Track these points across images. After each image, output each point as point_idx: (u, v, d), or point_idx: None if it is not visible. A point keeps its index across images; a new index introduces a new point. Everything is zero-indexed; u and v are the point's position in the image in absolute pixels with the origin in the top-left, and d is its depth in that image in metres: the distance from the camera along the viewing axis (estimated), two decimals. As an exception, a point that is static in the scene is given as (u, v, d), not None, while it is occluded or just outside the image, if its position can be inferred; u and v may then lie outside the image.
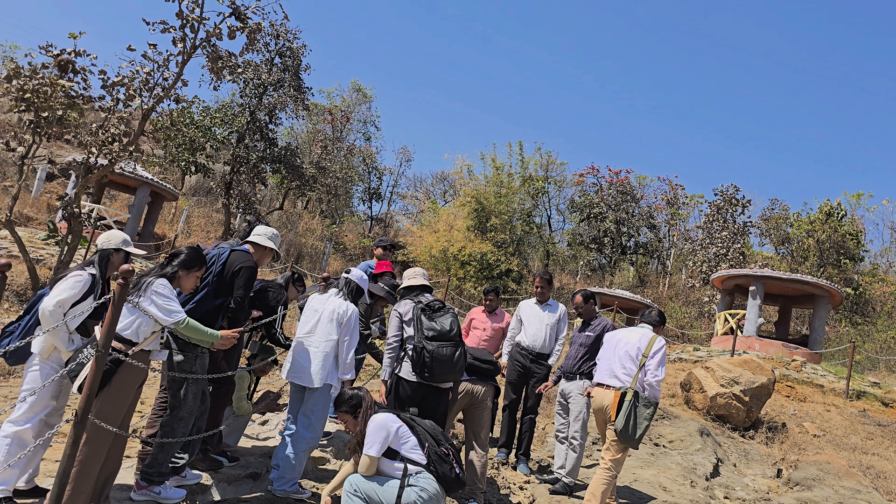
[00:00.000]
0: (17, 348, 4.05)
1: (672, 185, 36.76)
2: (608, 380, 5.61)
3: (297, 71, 25.45)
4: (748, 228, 30.08)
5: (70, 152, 25.79)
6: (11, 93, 11.59)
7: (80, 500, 3.80)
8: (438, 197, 41.30)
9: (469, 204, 28.40)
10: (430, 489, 4.03)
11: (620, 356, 5.61)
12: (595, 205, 32.93)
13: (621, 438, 5.31)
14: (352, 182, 35.93)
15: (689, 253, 30.73)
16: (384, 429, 4.13)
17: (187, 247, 4.33)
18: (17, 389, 7.91)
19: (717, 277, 19.99)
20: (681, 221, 37.24)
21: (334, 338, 4.89)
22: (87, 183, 12.70)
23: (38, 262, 14.28)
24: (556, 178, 35.73)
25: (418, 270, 5.38)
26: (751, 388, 10.42)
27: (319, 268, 27.08)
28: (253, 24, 12.18)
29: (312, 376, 4.81)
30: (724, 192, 29.89)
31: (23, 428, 4.01)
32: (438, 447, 4.30)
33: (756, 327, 18.15)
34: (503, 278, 26.40)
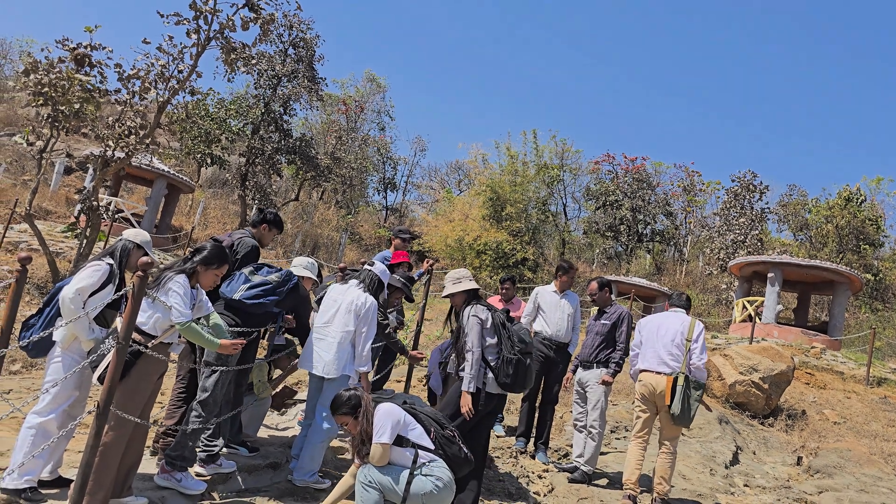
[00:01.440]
0: (39, 340, 4.09)
1: (688, 172, 36.47)
2: (658, 366, 5.71)
3: (310, 61, 25.42)
4: (766, 215, 29.78)
5: (87, 146, 25.99)
6: (29, 87, 11.67)
7: (102, 489, 3.84)
8: (453, 186, 41.25)
9: (484, 193, 28.32)
10: (445, 478, 4.04)
11: (665, 343, 5.75)
12: (611, 192, 32.73)
13: (677, 421, 5.58)
14: (366, 172, 35.93)
15: (707, 240, 30.48)
16: (393, 416, 4.12)
17: (211, 243, 4.34)
18: (39, 381, 8.00)
19: (735, 264, 19.82)
20: (697, 208, 36.95)
21: (351, 328, 4.89)
22: (104, 176, 12.79)
23: (58, 255, 14.43)
24: (571, 166, 35.54)
25: (465, 273, 5.25)
26: (770, 376, 10.34)
27: (335, 258, 27.16)
28: (266, 14, 12.17)
29: (328, 366, 4.83)
30: (742, 178, 29.59)
31: (47, 419, 4.07)
32: (443, 430, 4.31)
33: (775, 314, 18.01)
34: (519, 267, 26.33)
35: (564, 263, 7.09)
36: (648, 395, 5.77)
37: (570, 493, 6.00)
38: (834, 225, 28.53)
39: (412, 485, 3.95)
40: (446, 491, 4.02)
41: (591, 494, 6.03)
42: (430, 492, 3.95)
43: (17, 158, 25.94)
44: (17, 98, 30.18)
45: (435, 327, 14.15)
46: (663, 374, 5.66)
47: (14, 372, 8.38)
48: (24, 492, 3.96)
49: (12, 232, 17.19)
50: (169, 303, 3.97)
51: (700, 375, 5.66)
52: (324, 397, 4.87)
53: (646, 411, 5.85)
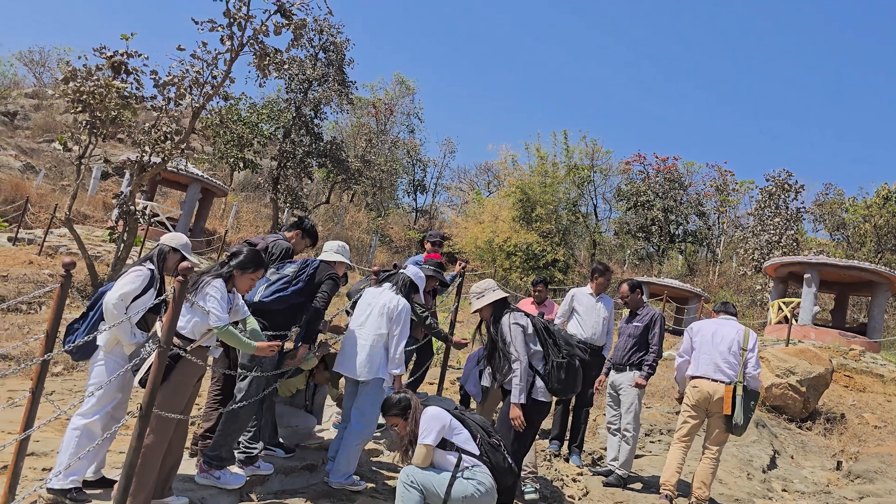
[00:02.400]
0: (84, 344, 4.19)
1: (721, 172, 35.93)
2: (714, 374, 5.66)
3: (340, 65, 25.61)
4: (801, 214, 29.25)
5: (123, 151, 26.48)
6: (68, 95, 11.94)
7: (145, 490, 3.92)
8: (482, 188, 41.20)
9: (514, 194, 28.26)
10: (487, 483, 4.04)
11: (722, 350, 5.71)
12: (642, 193, 32.43)
13: (737, 430, 5.58)
14: (396, 174, 36.07)
15: (740, 240, 29.99)
16: (439, 419, 4.15)
17: (247, 248, 4.40)
18: (81, 383, 8.18)
19: (771, 265, 19.51)
20: (731, 208, 36.44)
21: (384, 331, 4.91)
22: (141, 181, 13.03)
23: (96, 259, 14.73)
24: (601, 166, 35.27)
25: (490, 283, 5.15)
26: (807, 378, 10.16)
27: (366, 260, 27.30)
28: (298, 20, 12.29)
29: (359, 368, 4.86)
30: (776, 177, 29.10)
31: (91, 420, 4.17)
32: (490, 438, 4.31)
33: (811, 316, 17.69)
34: (549, 268, 26.21)
35: (600, 265, 7.03)
36: (702, 402, 5.70)
37: (604, 497, 5.96)
38: (872, 224, 27.92)
39: (453, 487, 3.96)
40: (487, 496, 4.02)
41: (627, 498, 5.99)
42: (472, 495, 3.96)
43: (56, 164, 26.54)
44: (56, 105, 30.87)
45: (467, 329, 14.15)
46: (720, 382, 5.61)
47: (56, 374, 8.57)
48: (69, 492, 4.06)
49: (52, 236, 17.59)
50: (206, 307, 4.03)
51: (756, 385, 5.68)
52: (359, 400, 4.90)
53: (695, 417, 5.79)
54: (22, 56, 37.09)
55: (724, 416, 5.57)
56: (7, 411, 6.17)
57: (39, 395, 4.15)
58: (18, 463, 4.10)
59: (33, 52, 37.83)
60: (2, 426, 6.23)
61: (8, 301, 10.73)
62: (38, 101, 33.32)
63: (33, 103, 33.20)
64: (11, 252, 15.60)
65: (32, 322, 10.37)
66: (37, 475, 4.98)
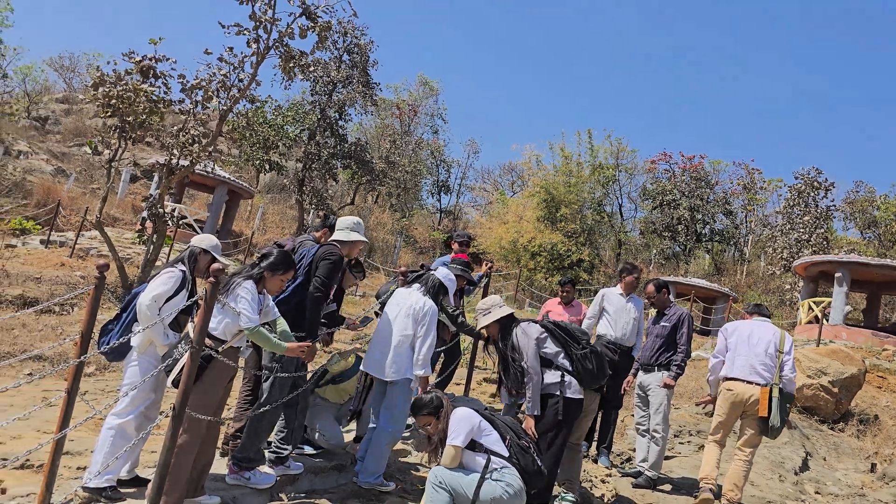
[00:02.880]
0: (118, 345, 4.25)
1: (749, 170, 35.47)
2: (749, 376, 5.62)
3: (364, 67, 25.73)
4: (832, 212, 28.78)
5: (151, 154, 26.85)
6: (98, 99, 12.13)
7: (177, 489, 3.96)
8: (506, 188, 41.14)
9: (538, 194, 28.21)
10: (516, 485, 4.02)
11: (758, 352, 5.67)
12: (668, 192, 32.15)
13: (773, 433, 5.56)
14: (420, 175, 36.12)
15: (769, 239, 29.59)
16: (468, 420, 4.14)
17: (277, 249, 4.43)
18: (113, 383, 8.31)
19: (801, 264, 19.24)
20: (758, 207, 35.94)
21: (410, 332, 4.91)
22: (169, 183, 13.20)
23: (126, 261, 14.95)
24: (626, 165, 35.06)
25: (495, 300, 5.12)
26: (840, 379, 10.00)
27: (391, 261, 27.39)
28: (323, 22, 12.37)
29: (385, 369, 4.87)
30: (805, 175, 28.67)
31: (125, 420, 4.23)
32: (519, 440, 4.28)
33: (843, 315, 17.40)
34: (574, 268, 26.11)
35: (629, 265, 6.99)
36: (736, 403, 5.65)
37: (634, 499, 5.91)
38: (905, 222, 27.37)
39: (482, 489, 3.95)
40: (516, 498, 4.00)
41: (657, 500, 5.94)
42: (500, 497, 3.94)
43: (86, 168, 26.98)
44: (85, 110, 31.38)
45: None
46: (755, 384, 5.58)
47: (88, 374, 8.71)
48: (104, 490, 4.12)
49: (83, 238, 17.90)
50: (237, 308, 4.06)
51: (791, 388, 5.68)
52: (387, 400, 4.91)
53: (728, 417, 5.75)
54: (52, 62, 37.79)
55: (760, 418, 5.52)
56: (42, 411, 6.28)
57: (75, 395, 4.22)
58: (55, 462, 4.17)
59: (63, 57, 38.52)
60: (37, 425, 6.35)
61: (42, 303, 10.94)
62: (69, 106, 33.91)
63: (63, 108, 33.81)
64: (44, 254, 15.90)
65: (65, 323, 10.55)
66: (71, 473, 5.07)
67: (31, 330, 9.90)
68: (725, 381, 5.77)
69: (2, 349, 8.87)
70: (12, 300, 11.31)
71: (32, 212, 20.55)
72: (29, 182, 23.39)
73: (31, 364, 8.55)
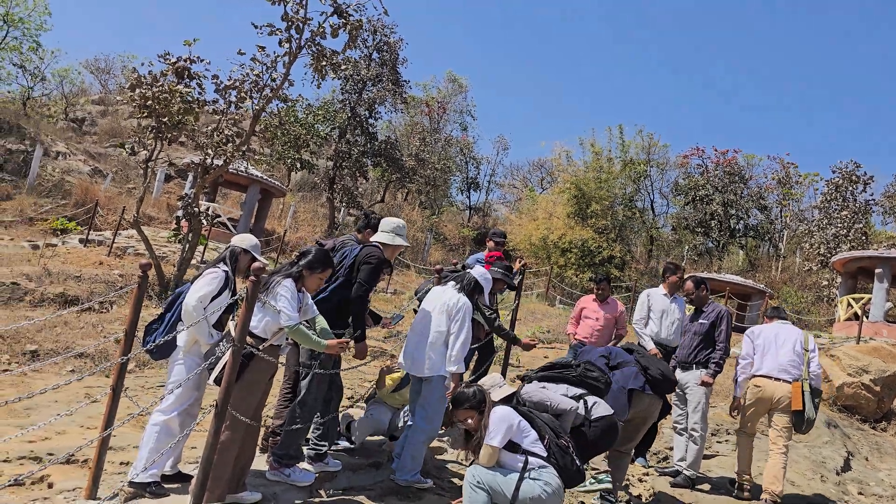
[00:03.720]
0: (163, 344, 4.34)
1: (784, 164, 34.79)
2: (778, 373, 5.94)
3: (394, 65, 25.82)
4: (871, 207, 28.14)
5: (185, 154, 27.23)
6: (135, 101, 12.33)
7: (220, 485, 4.02)
8: (536, 184, 40.95)
9: (568, 190, 27.98)
10: (554, 484, 4.00)
11: (786, 351, 6.01)
12: (700, 187, 31.70)
13: (807, 426, 5.87)
14: (450, 172, 36.11)
15: (805, 234, 29.03)
16: (507, 421, 4.12)
17: (315, 247, 4.48)
18: (153, 380, 8.46)
19: (839, 260, 18.87)
20: (794, 202, 35.26)
21: (443, 329, 4.90)
22: (204, 183, 13.37)
23: (162, 260, 15.18)
24: (658, 160, 34.65)
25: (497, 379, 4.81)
26: (882, 377, 9.79)
27: (421, 259, 27.44)
28: (354, 20, 12.44)
29: (418, 365, 4.88)
30: (843, 169, 28.07)
31: (170, 417, 4.32)
32: (558, 439, 4.25)
33: (883, 312, 17.04)
34: (605, 265, 25.87)
35: (671, 265, 6.96)
36: (764, 400, 5.96)
37: (672, 498, 5.86)
38: (947, 216, 26.65)
39: (521, 489, 3.94)
40: (555, 497, 3.98)
41: (695, 500, 5.88)
42: (539, 496, 3.93)
43: (122, 168, 27.47)
44: (121, 111, 31.94)
45: (526, 327, 14.11)
46: (783, 381, 5.90)
47: (129, 371, 8.87)
48: (149, 485, 4.20)
49: (120, 237, 18.23)
50: (277, 306, 4.11)
51: (818, 384, 5.99)
52: (422, 398, 4.92)
53: (756, 413, 6.08)
54: (88, 64, 38.57)
55: (794, 412, 5.82)
56: (85, 407, 6.42)
57: (119, 392, 4.32)
58: (101, 458, 4.27)
59: (99, 59, 39.28)
60: (81, 420, 6.49)
61: (81, 301, 11.17)
62: (104, 108, 34.55)
63: (100, 109, 34.45)
64: (83, 253, 16.22)
65: (105, 321, 10.75)
66: (115, 469, 5.17)
67: (73, 327, 10.11)
68: (754, 377, 6.06)
69: (45, 346, 9.07)
70: (54, 298, 11.57)
71: (71, 211, 20.98)
72: (67, 182, 23.88)
73: (74, 361, 8.73)
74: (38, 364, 5.49)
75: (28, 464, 5.18)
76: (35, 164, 23.20)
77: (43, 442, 5.88)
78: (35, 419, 6.42)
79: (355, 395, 7.78)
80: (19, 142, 25.21)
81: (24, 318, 10.04)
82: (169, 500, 4.18)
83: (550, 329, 14.54)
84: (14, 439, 5.41)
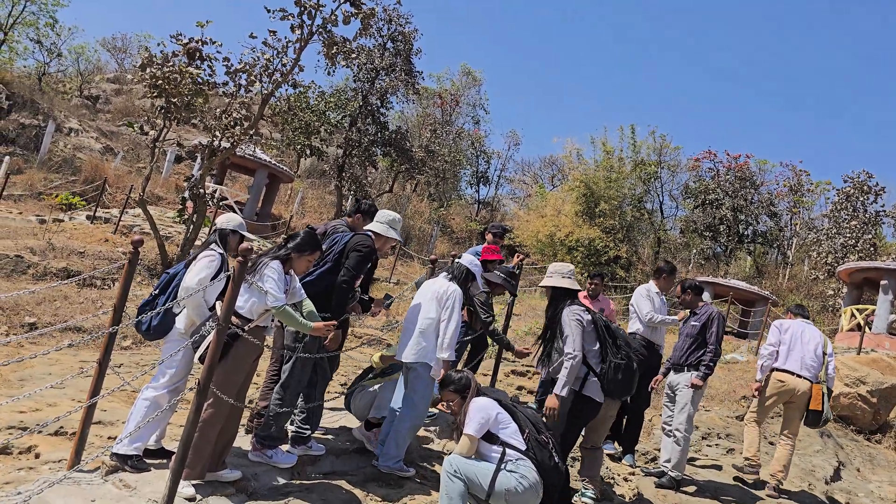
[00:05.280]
0: (159, 324, 4.38)
1: (796, 171, 34.51)
2: (801, 370, 6.39)
3: (408, 55, 25.75)
4: (881, 218, 27.91)
5: (195, 136, 27.31)
6: (146, 80, 12.36)
7: (200, 462, 4.06)
8: (546, 181, 40.82)
9: (578, 188, 27.87)
10: (530, 477, 4.00)
11: (809, 350, 6.46)
12: (711, 191, 31.52)
13: (822, 423, 6.35)
14: (460, 165, 36.03)
15: (814, 243, 28.83)
16: (485, 411, 4.14)
17: (304, 230, 4.49)
18: (148, 357, 8.51)
19: (845, 270, 18.74)
20: (804, 209, 35.02)
21: (433, 316, 4.91)
22: (211, 165, 13.41)
23: (167, 240, 15.25)
24: (669, 162, 34.40)
25: (570, 269, 5.06)
26: (879, 389, 9.74)
27: (427, 250, 27.44)
28: (367, 9, 12.42)
29: (407, 351, 4.91)
30: (855, 178, 27.84)
31: (160, 394, 4.37)
32: (539, 434, 4.25)
33: (887, 324, 16.90)
34: (611, 265, 25.80)
35: (670, 265, 7.04)
36: (784, 393, 6.42)
37: (656, 499, 5.85)
38: (958, 231, 26.40)
39: (497, 480, 3.95)
40: (531, 492, 3.98)
41: (679, 501, 5.87)
42: (514, 489, 3.94)
43: (133, 147, 27.58)
44: (135, 90, 32.03)
45: (524, 322, 14.10)
46: (804, 379, 6.35)
47: (125, 348, 8.93)
48: (131, 458, 4.23)
49: (127, 216, 18.32)
50: (264, 287, 4.13)
51: (832, 385, 6.55)
52: (408, 386, 4.94)
53: (773, 404, 6.56)
54: (105, 42, 38.77)
55: (812, 411, 6.30)
56: (77, 380, 6.47)
57: (106, 365, 4.35)
58: (85, 429, 4.31)
59: (116, 38, 39.49)
60: (72, 394, 6.54)
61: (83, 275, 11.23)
62: (119, 86, 34.66)
63: (114, 88, 34.57)
64: (89, 230, 16.32)
65: (105, 297, 10.82)
66: (103, 443, 5.22)
67: (73, 302, 10.18)
68: (777, 371, 6.45)
69: (44, 319, 9.15)
70: (56, 272, 11.65)
71: (80, 188, 21.09)
72: (78, 159, 24.01)
73: (71, 335, 8.79)
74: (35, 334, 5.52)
75: (17, 434, 5.23)
76: (47, 140, 23.32)
77: (34, 413, 5.94)
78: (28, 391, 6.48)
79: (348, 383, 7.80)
80: (32, 116, 25.35)
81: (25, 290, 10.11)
82: (149, 475, 4.21)
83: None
84: (4, 408, 5.47)
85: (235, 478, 4.25)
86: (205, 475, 4.12)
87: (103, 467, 4.22)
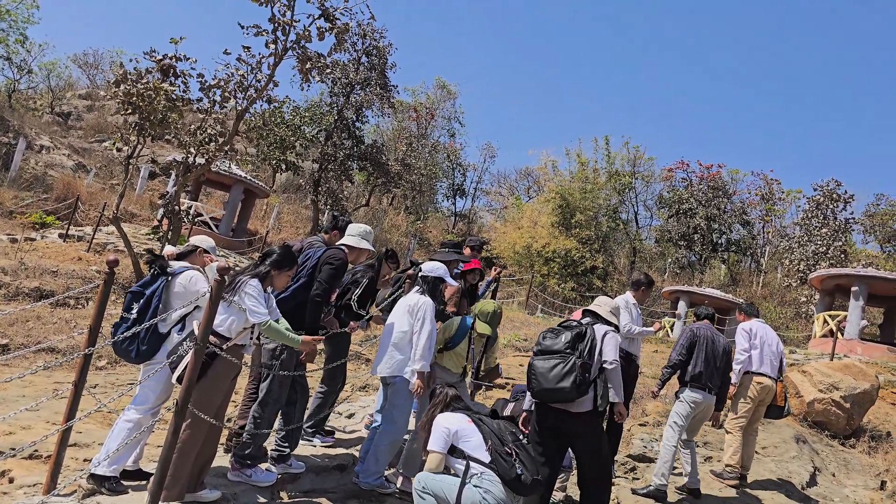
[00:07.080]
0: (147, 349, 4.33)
1: (767, 180, 35.13)
2: (771, 371, 6.79)
3: (383, 69, 25.84)
4: (850, 225, 28.45)
5: (170, 152, 27.10)
6: (119, 97, 12.27)
7: (178, 483, 4.02)
8: (522, 193, 41.09)
9: (553, 200, 28.13)
10: (495, 491, 4.01)
11: (773, 352, 6.84)
12: (684, 200, 31.95)
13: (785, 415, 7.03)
14: (436, 178, 36.16)
15: (786, 251, 29.30)
16: (442, 426, 4.19)
17: (280, 246, 4.49)
18: (123, 377, 8.40)
19: (816, 277, 19.04)
20: (776, 218, 35.62)
21: (405, 329, 4.95)
22: (186, 181, 13.32)
23: (141, 257, 15.07)
24: (643, 173, 34.90)
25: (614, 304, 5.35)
26: (852, 395, 9.88)
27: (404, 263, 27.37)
28: (341, 24, 12.46)
29: (382, 366, 4.93)
30: (824, 186, 28.38)
31: (143, 416, 4.31)
32: (503, 446, 4.22)
33: (858, 330, 17.19)
34: (588, 275, 26.03)
35: (649, 277, 7.05)
36: (761, 394, 6.72)
37: (636, 508, 5.89)
38: (925, 237, 27.01)
39: (462, 495, 3.98)
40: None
41: (658, 510, 5.91)
42: (479, 503, 3.97)
43: (106, 164, 27.27)
44: (107, 106, 31.74)
45: (503, 334, 14.13)
46: (772, 378, 6.77)
47: (100, 368, 8.81)
48: (108, 480, 4.17)
49: (101, 233, 18.08)
50: (245, 305, 4.12)
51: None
52: (387, 401, 4.95)
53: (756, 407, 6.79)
54: (77, 59, 38.28)
55: (774, 406, 6.78)
56: (52, 402, 6.38)
57: (82, 387, 4.30)
58: (60, 452, 4.25)
59: (87, 54, 39.06)
60: (47, 416, 6.43)
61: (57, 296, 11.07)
62: (91, 103, 34.31)
63: (86, 104, 34.21)
64: (62, 248, 16.08)
65: (79, 317, 10.67)
66: (79, 465, 5.14)
67: (46, 322, 10.03)
68: (756, 375, 6.73)
69: (17, 340, 9.00)
70: (29, 292, 11.46)
71: (52, 206, 20.78)
72: (50, 177, 23.67)
73: (45, 356, 8.66)
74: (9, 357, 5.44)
75: (-11, 458, 5.13)
76: (17, 157, 22.99)
77: (7, 436, 5.83)
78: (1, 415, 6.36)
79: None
80: (2, 134, 24.98)
81: (-3, 311, 9.94)
82: (127, 498, 4.16)
83: (528, 337, 14.57)
84: (-24, 433, 5.36)
85: (215, 498, 4.21)
86: (183, 496, 4.08)
87: (80, 491, 4.15)
